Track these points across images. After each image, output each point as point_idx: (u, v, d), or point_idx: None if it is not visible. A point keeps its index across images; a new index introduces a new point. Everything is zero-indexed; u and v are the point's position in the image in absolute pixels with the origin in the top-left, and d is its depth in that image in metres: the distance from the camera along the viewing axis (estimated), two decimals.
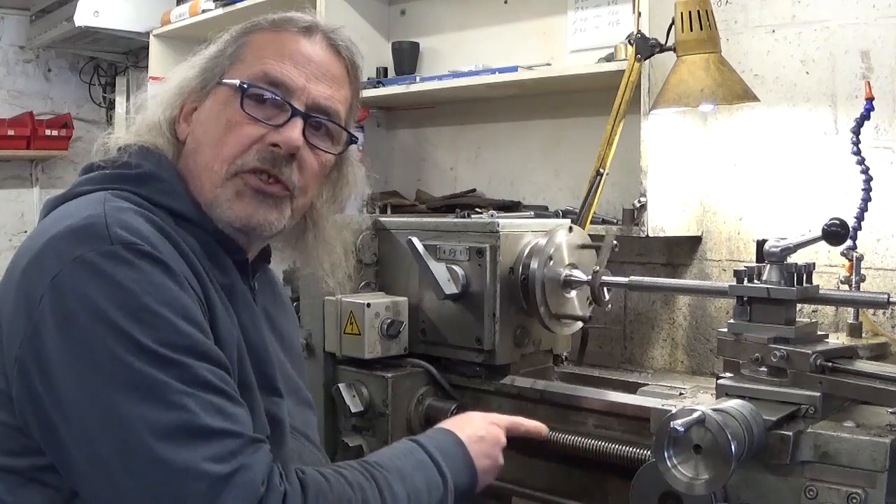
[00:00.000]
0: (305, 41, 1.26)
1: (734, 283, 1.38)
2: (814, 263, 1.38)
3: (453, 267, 1.69)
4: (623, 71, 2.16)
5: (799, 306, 1.41)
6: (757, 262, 1.46)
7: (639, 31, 2.13)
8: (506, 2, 2.87)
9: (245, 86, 1.20)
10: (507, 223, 1.72)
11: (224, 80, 1.23)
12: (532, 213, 2.33)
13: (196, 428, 0.99)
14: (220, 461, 0.98)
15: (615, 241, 1.72)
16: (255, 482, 1.00)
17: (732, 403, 1.19)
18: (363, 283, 1.85)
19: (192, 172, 1.22)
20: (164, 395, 0.98)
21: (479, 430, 1.38)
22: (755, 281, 1.37)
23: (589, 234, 1.86)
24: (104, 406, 0.98)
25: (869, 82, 1.96)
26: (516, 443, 1.61)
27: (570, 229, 1.77)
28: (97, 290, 1.00)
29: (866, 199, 1.89)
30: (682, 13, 1.98)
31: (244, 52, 1.25)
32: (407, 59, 3.04)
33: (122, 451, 0.97)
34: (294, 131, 1.21)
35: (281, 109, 1.21)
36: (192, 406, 0.99)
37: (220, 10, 3.37)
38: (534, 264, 1.67)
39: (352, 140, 1.32)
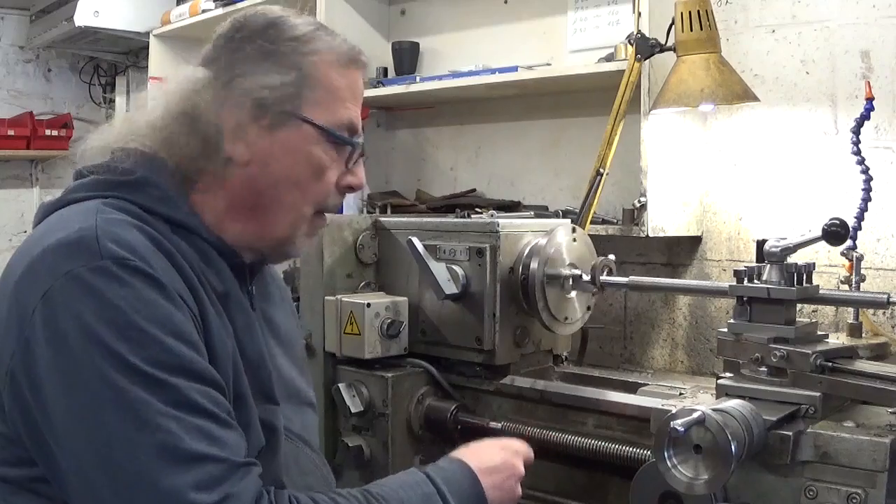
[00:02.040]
0: (360, 77, 1.29)
1: (734, 283, 1.38)
2: (814, 263, 1.38)
3: (453, 267, 1.69)
4: (623, 71, 2.16)
5: (799, 306, 1.41)
6: (757, 262, 1.46)
7: (639, 31, 2.13)
8: (506, 2, 2.87)
9: (352, 140, 1.24)
10: (507, 223, 1.72)
11: (309, 119, 1.20)
12: (532, 213, 2.33)
13: (180, 452, 0.98)
14: (205, 489, 0.97)
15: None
16: None
17: (732, 403, 1.19)
18: (363, 283, 1.85)
19: (264, 207, 1.22)
20: (150, 416, 0.97)
21: (494, 460, 1.31)
22: (755, 281, 1.37)
23: (589, 234, 1.86)
24: (91, 425, 0.98)
25: (869, 82, 1.95)
26: None
27: (574, 230, 1.77)
28: (87, 307, 0.99)
29: (866, 199, 1.88)
30: (682, 13, 1.98)
31: (316, 86, 1.21)
32: (407, 59, 3.03)
33: (108, 470, 0.97)
34: (362, 171, 1.28)
35: (353, 149, 1.26)
36: (176, 429, 0.98)
37: (220, 10, 3.36)
38: (534, 264, 1.67)
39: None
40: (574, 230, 1.78)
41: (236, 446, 1.05)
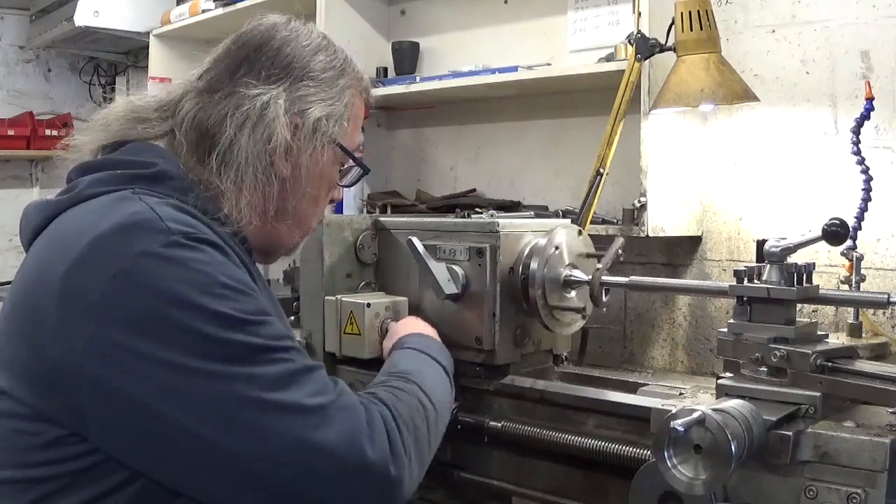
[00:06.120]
0: None
1: (734, 283, 1.38)
2: (814, 263, 1.38)
3: (453, 267, 1.69)
4: (623, 71, 2.16)
5: (799, 306, 1.41)
6: (757, 262, 1.45)
7: (639, 31, 2.13)
8: (506, 2, 2.87)
9: (364, 164, 1.41)
10: (507, 223, 1.72)
11: (340, 143, 1.34)
12: (532, 213, 2.33)
13: (300, 370, 1.08)
14: (323, 393, 1.09)
15: (622, 246, 1.68)
16: (354, 401, 1.12)
17: (732, 403, 1.19)
18: (363, 283, 1.85)
19: (285, 214, 1.32)
20: (267, 353, 1.06)
21: (428, 328, 1.61)
22: (755, 281, 1.37)
23: (589, 234, 1.86)
24: (212, 383, 1.01)
25: (869, 82, 1.95)
26: (516, 443, 1.61)
27: (580, 232, 1.77)
28: (172, 278, 1.02)
29: (866, 199, 1.88)
30: (682, 13, 1.98)
31: (349, 114, 1.37)
32: (407, 59, 3.03)
33: (233, 415, 1.02)
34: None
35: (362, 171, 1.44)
36: (292, 354, 1.09)
37: (220, 10, 3.37)
38: (534, 264, 1.66)
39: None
40: (580, 233, 1.78)
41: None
